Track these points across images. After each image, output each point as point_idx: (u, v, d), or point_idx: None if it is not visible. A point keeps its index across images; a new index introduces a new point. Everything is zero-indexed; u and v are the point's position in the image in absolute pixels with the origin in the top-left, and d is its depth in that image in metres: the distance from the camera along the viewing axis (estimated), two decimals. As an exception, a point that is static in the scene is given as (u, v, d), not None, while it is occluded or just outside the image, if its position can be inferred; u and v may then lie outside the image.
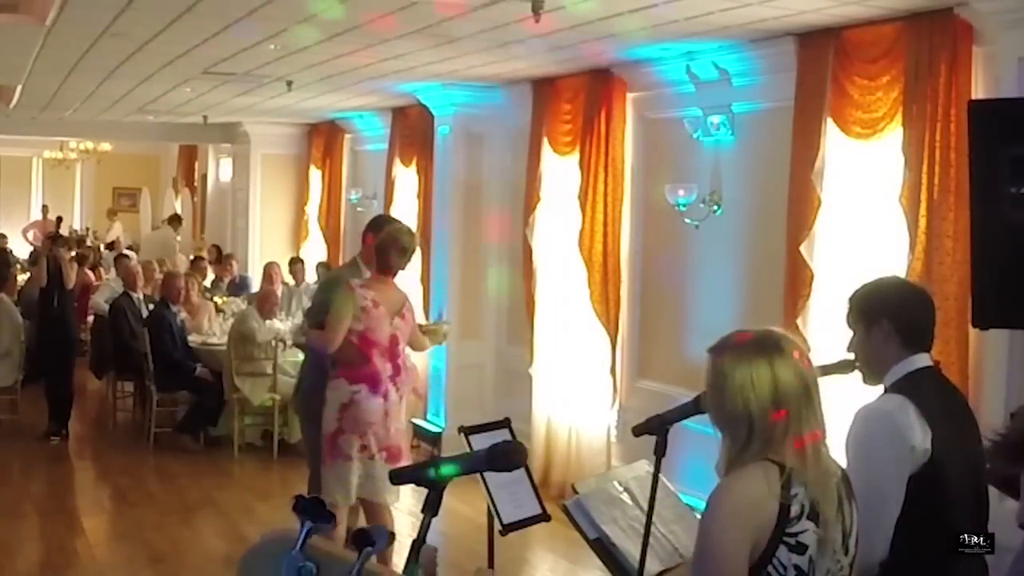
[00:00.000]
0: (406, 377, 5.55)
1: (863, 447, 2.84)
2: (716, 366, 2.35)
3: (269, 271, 11.10)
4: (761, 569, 2.18)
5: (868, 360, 3.02)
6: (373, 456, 5.38)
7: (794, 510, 2.19)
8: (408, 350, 5.68)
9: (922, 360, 2.99)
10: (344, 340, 5.31)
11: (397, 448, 5.46)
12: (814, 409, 2.29)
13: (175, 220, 16.25)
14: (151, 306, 9.74)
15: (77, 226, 20.57)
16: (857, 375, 3.10)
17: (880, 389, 3.02)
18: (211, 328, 10.14)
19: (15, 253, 16.43)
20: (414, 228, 9.84)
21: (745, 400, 2.26)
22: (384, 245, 5.49)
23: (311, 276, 11.84)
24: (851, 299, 3.08)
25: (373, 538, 1.58)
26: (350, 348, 5.33)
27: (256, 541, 1.58)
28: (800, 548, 2.20)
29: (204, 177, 17.59)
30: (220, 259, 13.55)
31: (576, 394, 7.81)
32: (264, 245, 13.42)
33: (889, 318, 2.96)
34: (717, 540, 2.21)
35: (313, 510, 1.53)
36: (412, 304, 5.65)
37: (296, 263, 12.07)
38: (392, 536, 1.61)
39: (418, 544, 2.07)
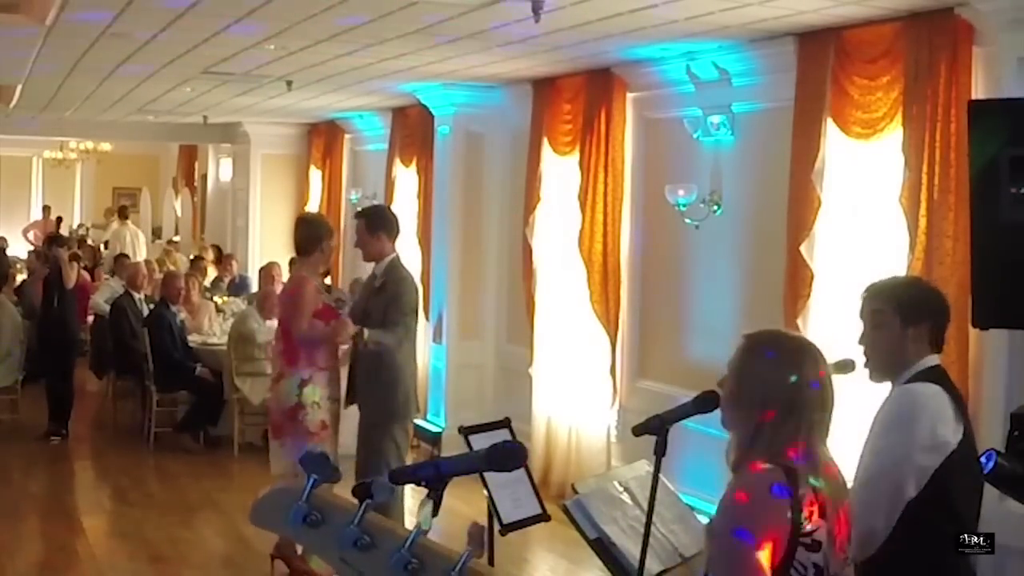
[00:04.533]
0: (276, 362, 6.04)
1: (894, 423, 2.86)
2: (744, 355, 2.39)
3: (269, 271, 11.08)
4: (783, 573, 2.20)
5: (890, 354, 3.02)
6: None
7: (806, 511, 2.22)
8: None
9: (935, 359, 3.03)
10: None
11: (275, 425, 6.04)
12: (824, 423, 2.33)
13: (122, 212, 17.25)
14: (152, 306, 9.74)
15: (77, 226, 20.57)
16: (857, 374, 3.10)
17: (881, 387, 3.03)
18: (211, 328, 10.14)
19: (14, 254, 16.47)
20: (414, 228, 9.97)
21: (761, 395, 2.31)
22: None
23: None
24: (886, 294, 3.07)
25: (372, 491, 1.66)
26: None
27: (263, 492, 1.65)
28: (815, 546, 2.23)
29: (204, 177, 17.60)
30: (220, 259, 13.55)
31: (576, 394, 7.80)
32: (264, 245, 13.42)
33: (932, 323, 3.01)
34: (739, 543, 2.22)
35: (318, 464, 1.62)
36: (284, 297, 6.35)
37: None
38: (391, 489, 1.71)
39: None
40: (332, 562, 1.57)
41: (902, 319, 3.02)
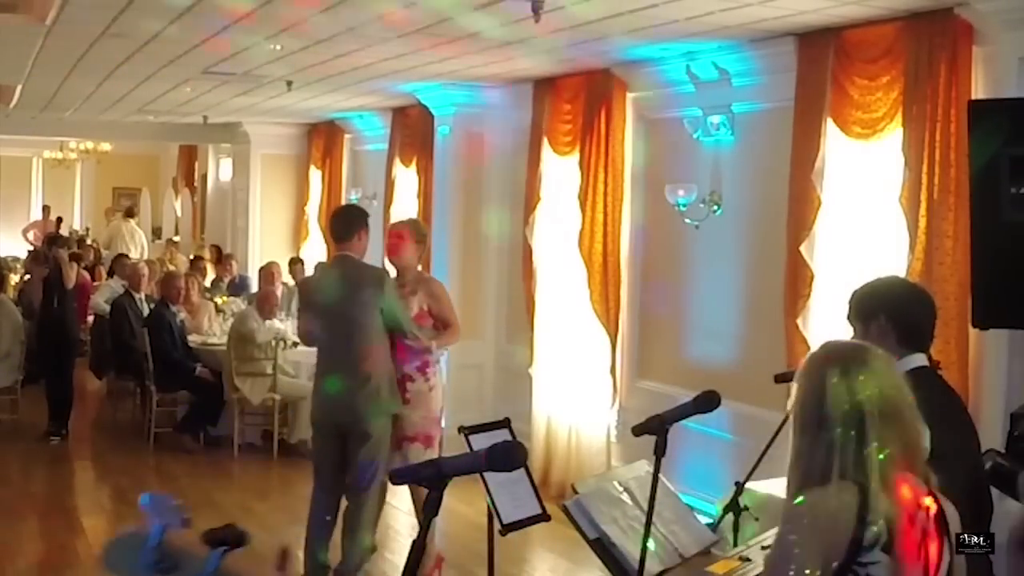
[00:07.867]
0: None
1: None
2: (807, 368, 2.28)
3: (269, 271, 11.08)
4: None
5: None
6: None
7: (867, 539, 2.08)
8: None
9: (919, 360, 2.99)
10: None
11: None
12: (903, 432, 2.20)
13: (128, 212, 18.02)
14: (152, 306, 9.74)
15: (77, 226, 20.57)
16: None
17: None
18: (211, 328, 10.14)
19: (13, 254, 16.48)
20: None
21: (829, 407, 2.17)
22: None
23: (311, 276, 11.84)
24: (851, 297, 3.09)
25: (225, 538, 1.63)
26: None
27: (111, 539, 1.61)
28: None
29: (204, 177, 17.61)
30: (220, 259, 13.56)
31: (576, 394, 7.80)
32: (264, 245, 13.42)
33: (887, 315, 2.97)
34: (793, 553, 2.11)
35: (165, 511, 1.59)
36: None
37: (296, 263, 12.06)
38: (243, 536, 1.65)
39: (420, 543, 2.07)
40: None
41: (860, 318, 3.03)
